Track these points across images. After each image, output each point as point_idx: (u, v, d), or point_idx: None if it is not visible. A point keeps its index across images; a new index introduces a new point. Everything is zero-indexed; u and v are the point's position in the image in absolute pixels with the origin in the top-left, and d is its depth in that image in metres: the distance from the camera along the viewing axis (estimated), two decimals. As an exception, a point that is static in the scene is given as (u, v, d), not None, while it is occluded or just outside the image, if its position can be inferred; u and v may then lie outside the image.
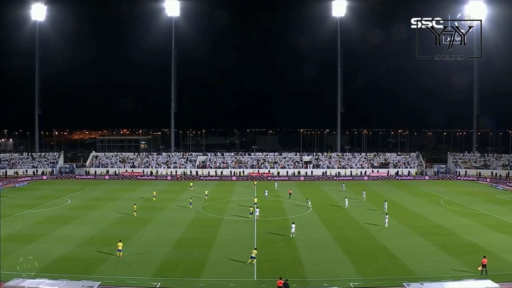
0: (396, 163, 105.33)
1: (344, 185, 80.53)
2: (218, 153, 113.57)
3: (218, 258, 36.63)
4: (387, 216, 48.79)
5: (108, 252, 37.48)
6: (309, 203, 61.97)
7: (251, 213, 53.22)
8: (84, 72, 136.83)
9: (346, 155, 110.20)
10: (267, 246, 40.17)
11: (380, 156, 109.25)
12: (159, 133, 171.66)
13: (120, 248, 36.42)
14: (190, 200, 61.42)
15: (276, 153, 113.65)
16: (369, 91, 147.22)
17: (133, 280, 31.28)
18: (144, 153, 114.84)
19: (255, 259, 34.72)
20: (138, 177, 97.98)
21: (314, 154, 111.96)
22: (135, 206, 55.21)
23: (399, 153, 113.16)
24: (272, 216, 54.26)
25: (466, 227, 48.24)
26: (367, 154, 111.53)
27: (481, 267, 32.44)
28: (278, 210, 59.02)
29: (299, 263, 35.26)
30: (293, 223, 44.03)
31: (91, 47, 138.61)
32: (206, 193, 69.13)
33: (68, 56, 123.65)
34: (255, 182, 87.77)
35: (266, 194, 69.80)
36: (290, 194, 67.77)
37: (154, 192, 68.27)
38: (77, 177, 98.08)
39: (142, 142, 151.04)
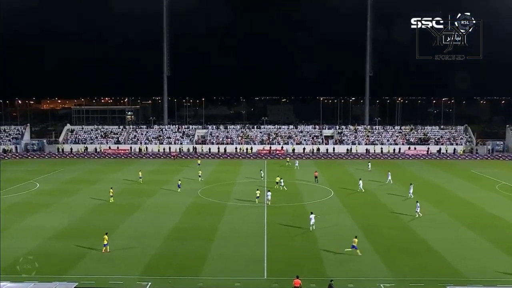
0: (438, 138, 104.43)
1: (370, 164, 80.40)
2: (221, 126, 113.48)
3: (221, 252, 36.68)
4: (418, 203, 48.27)
5: (87, 246, 37.58)
6: (282, 183, 61.99)
7: (257, 197, 53.37)
8: (55, 26, 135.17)
9: (376, 129, 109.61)
10: (280, 238, 40.23)
11: (419, 130, 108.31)
12: (149, 102, 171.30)
13: (106, 242, 36.38)
14: (179, 182, 61.54)
15: (291, 126, 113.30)
16: (405, 49, 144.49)
17: (118, 279, 31.35)
18: (131, 127, 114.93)
19: (357, 249, 35.28)
20: (124, 155, 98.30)
21: (337, 127, 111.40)
22: (111, 191, 55.21)
23: (442, 126, 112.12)
24: (285, 202, 54.27)
25: (529, 219, 47.53)
26: (402, 127, 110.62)
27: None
28: (293, 194, 59.04)
29: (318, 259, 35.18)
30: (311, 213, 43.78)
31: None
32: (199, 174, 69.25)
33: (32, 5, 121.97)
34: (288, 159, 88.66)
35: (262, 174, 69.85)
36: (316, 177, 67.65)
37: (140, 173, 68.44)
38: (47, 155, 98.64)
39: (129, 113, 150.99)
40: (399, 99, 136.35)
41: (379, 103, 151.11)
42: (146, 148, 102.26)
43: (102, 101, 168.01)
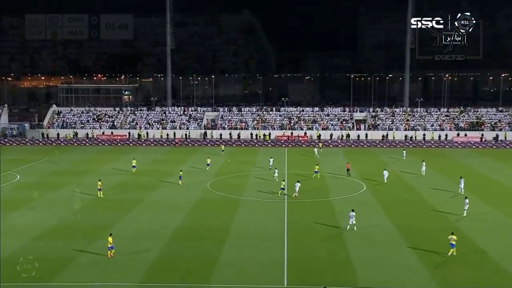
0: (495, 123, 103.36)
1: (405, 152, 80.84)
2: (234, 109, 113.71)
3: (234, 256, 36.80)
4: (467, 200, 47.69)
5: (77, 248, 37.78)
6: (276, 174, 62.31)
7: (282, 189, 54.03)
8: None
9: (417, 112, 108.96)
10: (302, 239, 40.25)
11: (470, 113, 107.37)
12: (150, 79, 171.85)
13: (110, 244, 36.15)
14: (181, 173, 61.72)
15: (315, 109, 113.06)
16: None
17: (113, 287, 31.53)
18: (129, 108, 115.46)
19: (454, 248, 35.93)
20: (121, 142, 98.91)
21: (371, 110, 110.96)
22: (99, 183, 55.16)
23: (500, 108, 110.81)
24: (309, 197, 54.22)
25: None
26: (450, 110, 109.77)
27: None
28: (318, 188, 59.08)
29: (349, 266, 35.02)
30: (352, 210, 43.19)
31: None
32: (208, 162, 69.55)
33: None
34: (320, 145, 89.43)
35: (271, 163, 70.35)
36: (348, 170, 67.44)
37: (134, 161, 68.64)
38: (29, 142, 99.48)
39: (126, 92, 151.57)
40: (447, 75, 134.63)
41: (421, 81, 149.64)
42: (147, 133, 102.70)
43: (95, 78, 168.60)
